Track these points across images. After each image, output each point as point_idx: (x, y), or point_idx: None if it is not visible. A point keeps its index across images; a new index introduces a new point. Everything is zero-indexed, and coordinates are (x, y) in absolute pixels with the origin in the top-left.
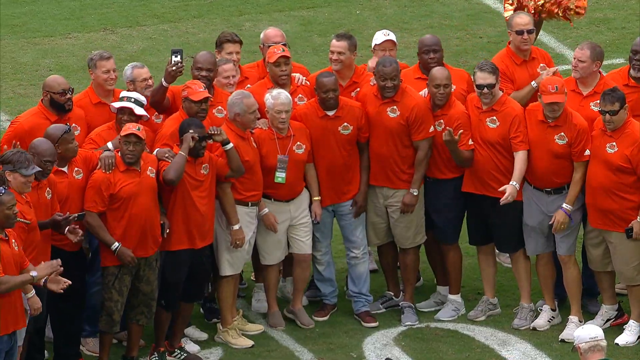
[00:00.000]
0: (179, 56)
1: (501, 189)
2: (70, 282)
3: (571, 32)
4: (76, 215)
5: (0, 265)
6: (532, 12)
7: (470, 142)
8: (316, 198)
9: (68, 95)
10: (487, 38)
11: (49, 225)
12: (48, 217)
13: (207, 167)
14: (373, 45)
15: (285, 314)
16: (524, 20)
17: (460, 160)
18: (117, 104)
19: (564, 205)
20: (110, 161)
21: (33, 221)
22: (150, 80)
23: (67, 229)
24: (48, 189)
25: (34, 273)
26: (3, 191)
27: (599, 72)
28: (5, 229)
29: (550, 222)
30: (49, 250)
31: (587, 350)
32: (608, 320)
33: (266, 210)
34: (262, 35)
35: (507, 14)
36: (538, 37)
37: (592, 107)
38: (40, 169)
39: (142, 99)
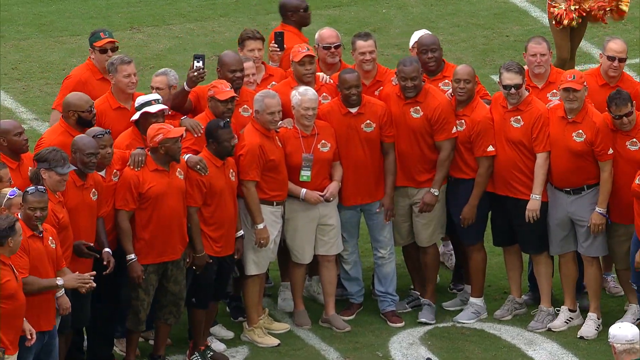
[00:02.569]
0: (200, 61)
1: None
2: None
3: (598, 30)
4: (97, 254)
5: (26, 265)
6: (578, 15)
7: (490, 148)
8: (337, 182)
9: (94, 111)
10: (514, 37)
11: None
12: (93, 219)
13: (232, 174)
14: (411, 43)
15: (320, 325)
16: (618, 47)
17: (486, 181)
18: (136, 115)
19: (597, 208)
20: (140, 158)
21: (65, 219)
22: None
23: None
24: (94, 190)
25: (60, 281)
26: (30, 191)
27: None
28: (41, 226)
29: (587, 225)
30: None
31: (622, 351)
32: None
33: (304, 191)
34: (316, 36)
35: (555, 9)
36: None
37: (550, 97)
38: (75, 168)
39: (157, 96)
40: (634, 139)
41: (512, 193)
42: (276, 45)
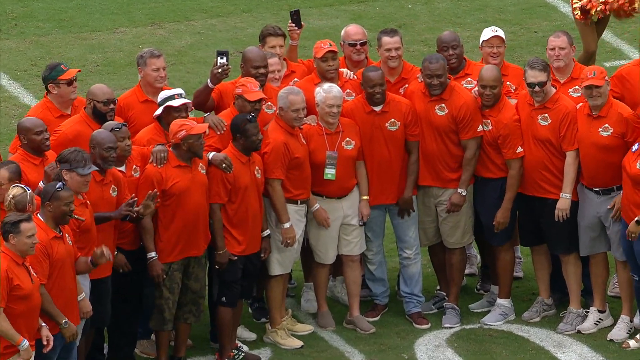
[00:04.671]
0: (224, 58)
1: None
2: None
3: (629, 26)
4: (132, 201)
5: (46, 272)
6: (600, 9)
7: (519, 149)
8: (364, 197)
9: (112, 106)
10: (542, 33)
11: (108, 218)
12: None
13: (258, 171)
14: (481, 41)
15: (345, 326)
16: None
17: (518, 182)
18: (159, 110)
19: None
20: (162, 155)
21: (87, 221)
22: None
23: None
24: (114, 186)
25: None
26: (61, 187)
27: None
28: (59, 226)
29: (628, 230)
30: (114, 250)
31: None
32: None
33: (317, 205)
34: (342, 32)
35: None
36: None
37: (571, 93)
38: (96, 168)
39: (180, 90)
40: None
41: (540, 193)
42: (294, 25)
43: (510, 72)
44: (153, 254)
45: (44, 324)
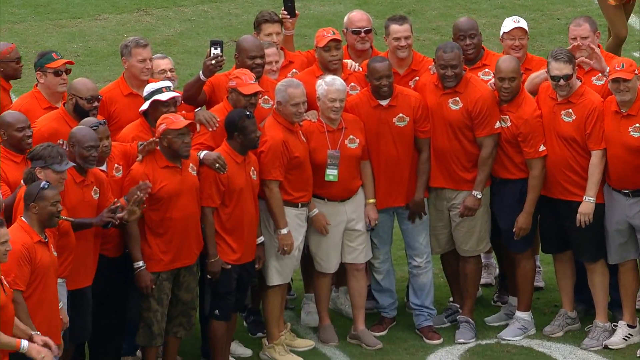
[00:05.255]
0: (219, 48)
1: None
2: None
3: None
4: (115, 207)
5: (26, 278)
6: None
7: (542, 148)
8: (371, 200)
9: (95, 104)
10: (565, 19)
11: (88, 224)
12: None
13: (254, 172)
14: (501, 33)
15: (348, 342)
16: None
17: (541, 184)
18: (145, 105)
19: None
20: (151, 147)
21: (65, 224)
22: (169, 74)
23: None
24: (95, 187)
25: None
26: (46, 186)
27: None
28: (45, 230)
29: None
30: (96, 258)
31: None
32: None
33: (316, 210)
34: (345, 19)
35: None
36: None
37: (595, 82)
38: (74, 165)
39: (168, 83)
40: None
41: (564, 195)
42: (286, 12)
43: (534, 66)
44: (141, 263)
45: (35, 332)
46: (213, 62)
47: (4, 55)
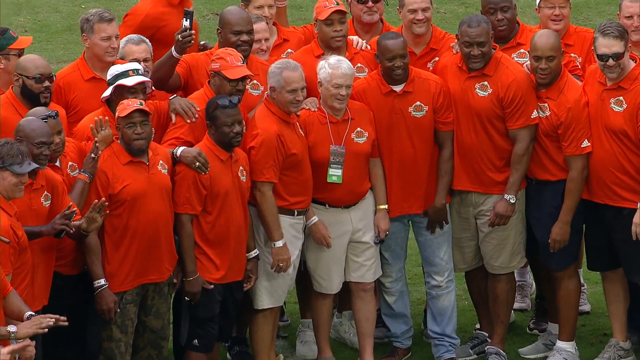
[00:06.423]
0: (188, 20)
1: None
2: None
3: None
4: (69, 212)
5: None
6: None
7: (585, 143)
8: (382, 206)
9: (46, 84)
10: None
11: (38, 234)
12: None
13: (243, 172)
14: (538, 1)
15: None
16: None
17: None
18: (108, 91)
19: None
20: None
21: (24, 239)
22: (143, 64)
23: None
24: (47, 192)
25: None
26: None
27: None
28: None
29: None
30: (51, 274)
31: None
32: None
33: (315, 218)
34: None
35: None
36: None
37: None
38: (38, 166)
39: (136, 65)
40: None
41: (613, 200)
42: None
43: (577, 41)
44: (102, 281)
45: (29, 312)
46: (179, 36)
47: None
